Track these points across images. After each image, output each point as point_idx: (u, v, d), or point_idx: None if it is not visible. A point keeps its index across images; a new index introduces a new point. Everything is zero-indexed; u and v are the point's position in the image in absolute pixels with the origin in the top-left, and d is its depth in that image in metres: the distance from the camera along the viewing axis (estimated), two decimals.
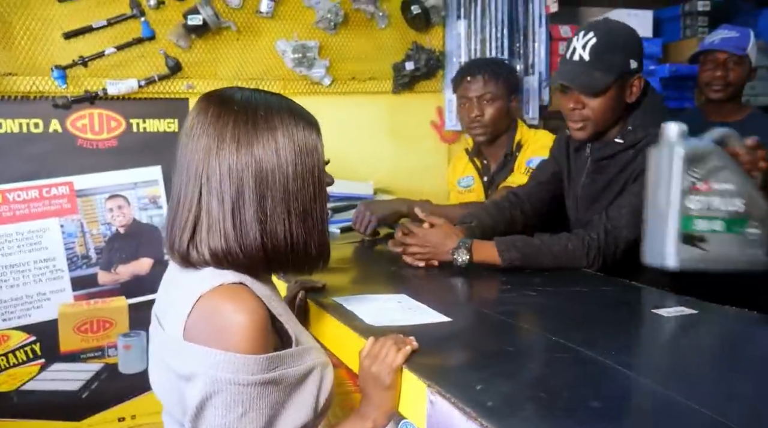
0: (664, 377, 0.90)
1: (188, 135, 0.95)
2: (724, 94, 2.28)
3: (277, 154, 0.93)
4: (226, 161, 0.92)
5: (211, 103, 0.96)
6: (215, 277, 0.92)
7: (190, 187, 0.93)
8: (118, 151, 2.30)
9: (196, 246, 0.93)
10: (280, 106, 0.98)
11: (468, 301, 1.28)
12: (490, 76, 2.08)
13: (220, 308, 0.89)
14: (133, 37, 2.23)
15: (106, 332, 2.34)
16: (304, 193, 0.96)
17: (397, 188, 2.60)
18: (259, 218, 0.93)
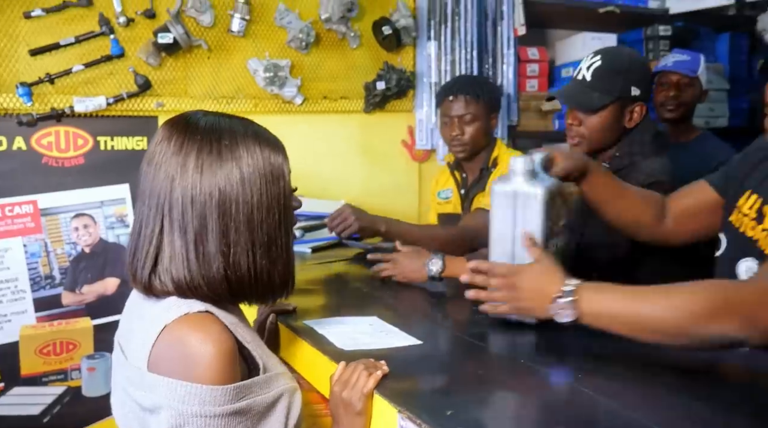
0: (630, 400, 0.91)
1: (150, 164, 0.93)
2: (676, 114, 2.40)
3: (241, 183, 0.92)
4: (189, 192, 0.90)
5: (174, 131, 0.94)
6: (180, 306, 0.90)
7: (152, 216, 0.92)
8: (85, 169, 2.26)
9: (158, 276, 0.92)
10: (245, 132, 0.96)
11: (439, 324, 1.29)
12: (471, 97, 2.12)
13: (185, 338, 0.87)
14: (102, 55, 2.20)
15: (70, 354, 2.28)
16: (269, 222, 0.95)
17: (368, 206, 2.59)
18: (223, 250, 0.91)
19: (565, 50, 3.17)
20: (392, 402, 0.92)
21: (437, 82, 2.75)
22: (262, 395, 0.91)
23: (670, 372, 1.03)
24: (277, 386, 0.94)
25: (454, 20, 2.74)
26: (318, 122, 2.63)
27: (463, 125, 2.13)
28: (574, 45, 3.09)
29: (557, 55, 3.22)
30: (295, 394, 0.97)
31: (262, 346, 0.99)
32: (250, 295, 0.97)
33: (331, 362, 1.08)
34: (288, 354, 1.27)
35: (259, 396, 0.90)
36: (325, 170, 2.64)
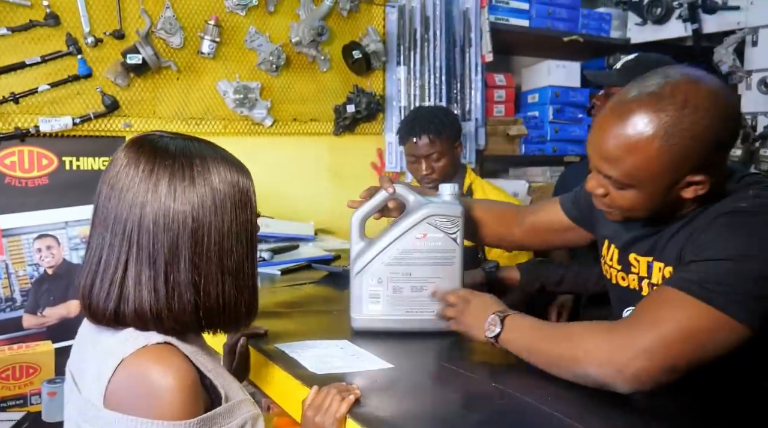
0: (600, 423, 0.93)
1: (114, 187, 0.88)
2: None
3: (213, 210, 0.89)
4: (160, 219, 0.87)
5: (142, 154, 0.89)
6: (137, 338, 0.86)
7: (117, 244, 0.87)
8: (49, 189, 2.22)
9: (120, 307, 0.87)
10: (215, 156, 0.93)
11: (410, 347, 1.29)
12: (435, 135, 2.11)
13: (145, 372, 0.83)
14: (69, 74, 2.18)
15: (30, 378, 2.22)
16: (239, 249, 0.92)
17: (338, 228, 2.61)
18: (194, 280, 0.88)
19: (530, 77, 3.25)
20: (365, 427, 0.92)
21: (406, 106, 2.79)
22: (226, 425, 0.89)
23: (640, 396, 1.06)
24: (240, 413, 0.92)
25: (423, 46, 2.79)
26: (288, 144, 2.64)
27: (431, 163, 2.13)
28: (540, 72, 3.17)
29: (523, 82, 3.30)
30: (258, 421, 0.96)
31: (223, 373, 0.96)
32: (217, 325, 0.95)
33: (303, 386, 1.08)
34: (259, 378, 1.26)
35: (223, 427, 0.89)
36: (294, 191, 2.64)
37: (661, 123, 0.99)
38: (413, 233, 1.33)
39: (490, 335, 1.16)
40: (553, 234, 1.49)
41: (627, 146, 1.01)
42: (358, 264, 1.35)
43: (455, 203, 1.35)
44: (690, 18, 2.80)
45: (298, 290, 1.82)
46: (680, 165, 1.01)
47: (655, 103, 0.99)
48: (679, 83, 1.00)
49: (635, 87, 1.03)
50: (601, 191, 1.11)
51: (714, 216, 1.04)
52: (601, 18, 3.18)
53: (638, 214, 1.11)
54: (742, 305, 0.94)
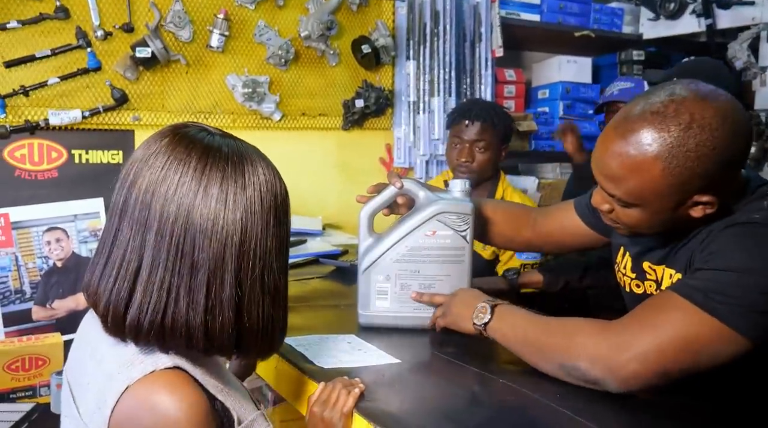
0: (609, 422, 0.92)
1: (160, 184, 0.79)
2: None
3: (260, 221, 0.81)
4: (209, 225, 0.78)
5: (193, 151, 0.80)
6: (146, 361, 0.79)
7: (161, 248, 0.78)
8: (59, 182, 2.23)
9: (164, 319, 0.79)
10: (261, 160, 0.85)
11: (417, 342, 1.29)
12: (489, 125, 2.07)
13: (154, 402, 0.76)
14: (79, 68, 2.18)
15: (39, 370, 2.23)
16: (277, 266, 0.84)
17: (346, 223, 2.61)
18: (237, 297, 0.80)
19: (541, 72, 3.23)
20: (371, 421, 0.92)
21: (415, 101, 2.78)
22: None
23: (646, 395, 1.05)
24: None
25: (433, 41, 2.78)
26: (296, 139, 2.63)
27: (474, 151, 2.08)
28: (550, 67, 3.15)
29: (534, 77, 3.28)
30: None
31: (234, 391, 0.90)
32: (251, 349, 0.86)
33: (309, 380, 1.07)
34: (266, 372, 1.26)
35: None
36: (302, 186, 2.64)
37: (665, 144, 0.95)
38: (422, 230, 1.32)
39: (478, 322, 1.15)
40: (568, 238, 1.46)
41: (629, 166, 0.99)
42: (366, 261, 1.34)
43: (465, 200, 1.34)
44: (704, 13, 2.77)
45: (306, 285, 1.81)
46: (685, 186, 0.98)
47: (659, 122, 0.96)
48: (685, 101, 0.96)
49: (640, 103, 1.00)
50: (606, 207, 1.10)
51: (726, 225, 1.01)
52: (613, 13, 3.15)
53: (644, 231, 1.09)
54: (745, 317, 0.92)
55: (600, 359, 0.97)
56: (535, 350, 1.07)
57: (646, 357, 0.94)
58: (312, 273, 1.93)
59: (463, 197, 1.35)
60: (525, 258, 2.11)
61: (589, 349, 0.99)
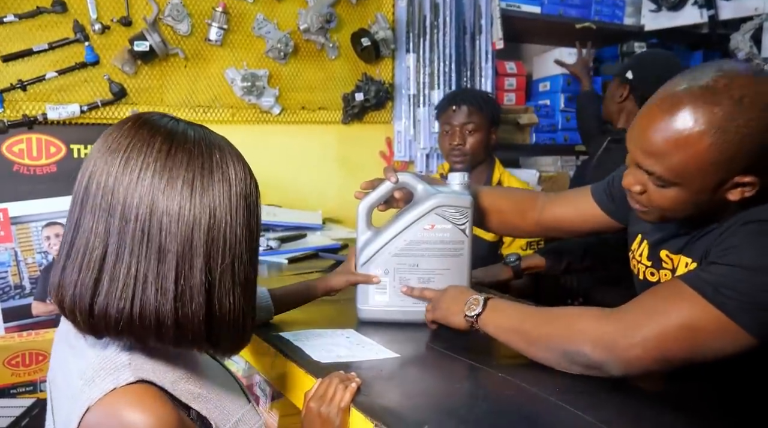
0: (609, 415, 0.91)
1: (124, 168, 0.76)
2: None
3: (229, 210, 0.79)
4: (174, 210, 0.75)
5: (158, 135, 0.78)
6: (105, 375, 0.75)
7: (125, 234, 0.75)
8: (57, 177, 2.22)
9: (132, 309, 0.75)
10: (231, 150, 0.83)
11: (416, 337, 1.28)
12: (475, 107, 2.14)
13: (114, 421, 0.73)
14: (76, 62, 2.17)
15: (39, 365, 2.23)
16: (248, 257, 0.82)
17: (345, 217, 2.60)
18: (207, 284, 0.77)
19: (542, 65, 3.21)
20: (369, 416, 0.91)
21: (416, 94, 2.76)
22: None
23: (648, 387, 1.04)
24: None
25: (433, 33, 2.76)
26: (296, 133, 2.62)
27: (464, 134, 2.14)
28: (551, 60, 3.13)
29: (534, 70, 3.26)
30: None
31: (214, 391, 0.87)
32: (220, 342, 0.83)
33: (307, 374, 1.07)
34: (264, 367, 1.25)
35: None
36: (302, 180, 2.63)
37: (715, 118, 0.93)
38: (421, 224, 1.31)
39: (470, 314, 1.15)
40: (580, 224, 1.44)
41: (675, 141, 0.96)
42: (364, 255, 1.33)
43: (464, 193, 1.33)
44: (706, 4, 2.74)
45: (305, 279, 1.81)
46: (730, 164, 0.96)
47: (709, 96, 0.94)
48: (737, 77, 0.94)
49: (685, 80, 0.98)
50: (638, 189, 1.07)
51: (746, 221, 1.00)
52: (614, 5, 3.13)
53: (677, 214, 1.07)
54: (752, 315, 0.91)
55: (604, 342, 0.98)
56: (533, 339, 1.06)
57: (649, 342, 0.95)
58: (311, 268, 1.92)
59: (461, 190, 1.34)
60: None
61: (593, 333, 0.99)
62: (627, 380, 1.02)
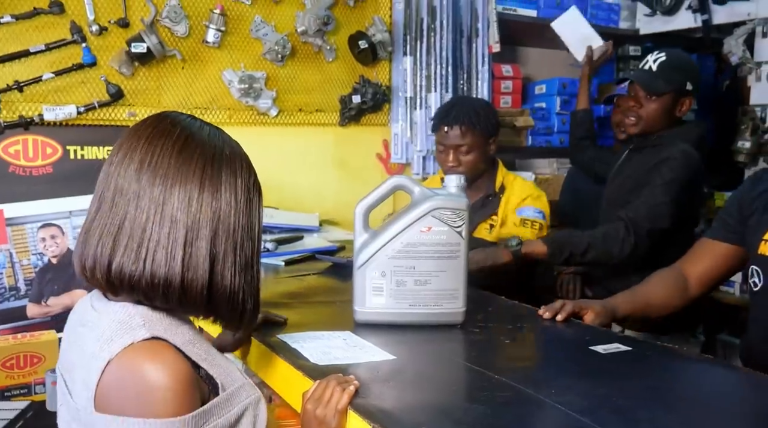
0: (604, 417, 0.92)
1: (144, 156, 0.88)
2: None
3: (235, 201, 0.91)
4: (186, 193, 0.87)
5: (174, 128, 0.90)
6: (122, 334, 0.84)
7: (143, 210, 0.86)
8: (54, 178, 2.22)
9: (144, 269, 0.86)
10: (242, 153, 0.96)
11: (413, 339, 1.29)
12: (468, 127, 2.04)
13: (134, 372, 0.81)
14: (73, 63, 2.17)
15: (34, 368, 2.22)
16: (249, 245, 0.93)
17: (343, 219, 2.60)
18: (211, 256, 0.88)
19: (538, 68, 3.22)
20: (366, 418, 0.91)
21: (412, 96, 2.77)
22: (224, 416, 0.88)
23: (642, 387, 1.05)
24: (239, 401, 0.91)
25: (430, 36, 2.77)
26: (293, 135, 2.63)
27: (459, 155, 2.05)
28: (547, 63, 3.15)
29: (530, 73, 3.27)
30: (259, 405, 0.95)
31: (219, 360, 0.94)
32: (221, 313, 0.93)
33: (304, 377, 1.07)
34: (261, 369, 1.26)
35: (221, 418, 0.87)
36: (299, 182, 2.63)
37: None
38: (418, 226, 1.31)
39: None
40: (723, 271, 1.53)
41: None
42: (361, 257, 1.34)
43: (461, 196, 1.34)
44: (700, 9, 2.76)
45: (302, 281, 1.81)
46: None
47: None
48: None
49: None
50: None
51: None
52: (609, 8, 3.15)
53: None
54: None
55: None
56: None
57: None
58: (308, 270, 1.93)
59: (458, 193, 1.35)
60: (525, 215, 2.07)
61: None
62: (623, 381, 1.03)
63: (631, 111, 2.01)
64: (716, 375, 1.18)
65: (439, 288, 1.32)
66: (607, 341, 1.25)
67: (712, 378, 1.15)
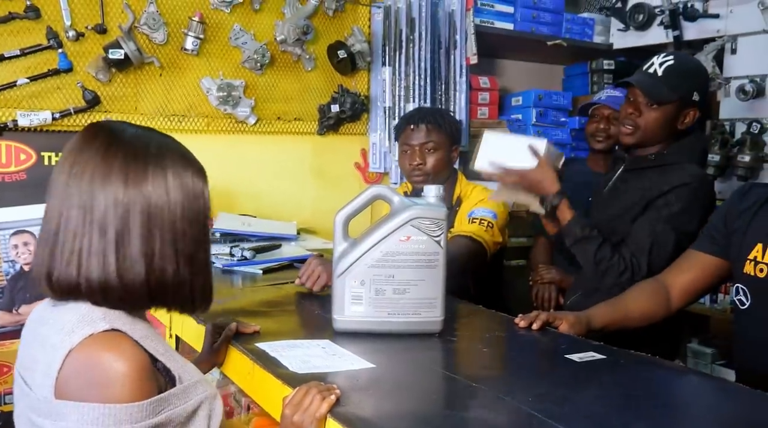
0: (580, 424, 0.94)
1: (71, 164, 0.92)
2: (605, 144, 2.49)
3: (167, 193, 0.93)
4: (112, 194, 0.90)
5: (99, 134, 0.94)
6: (83, 326, 0.88)
7: (74, 217, 0.90)
8: (27, 185, 2.18)
9: (76, 277, 0.89)
10: (172, 147, 0.98)
11: (392, 347, 1.29)
12: (434, 126, 2.07)
13: (94, 360, 0.85)
14: (49, 69, 2.15)
15: (4, 377, 2.18)
16: (191, 235, 0.95)
17: (320, 227, 2.60)
18: (146, 253, 0.91)
19: (514, 80, 3.27)
20: (346, 426, 0.92)
21: (391, 106, 2.79)
22: (181, 406, 0.91)
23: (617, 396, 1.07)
24: (195, 394, 0.94)
25: (409, 47, 2.79)
26: (271, 143, 2.63)
27: (424, 153, 2.07)
28: (524, 75, 3.19)
29: (507, 85, 3.32)
30: (215, 401, 0.98)
31: (176, 357, 0.98)
32: (169, 302, 0.97)
33: (283, 385, 1.07)
34: (240, 377, 1.25)
35: (177, 407, 0.91)
36: (277, 191, 2.63)
37: None
38: (397, 235, 1.33)
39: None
40: (707, 283, 1.54)
41: None
42: (341, 266, 1.34)
43: (440, 206, 1.35)
44: (671, 25, 2.83)
45: (280, 290, 1.81)
46: None
47: None
48: None
49: None
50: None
51: None
52: (584, 23, 3.21)
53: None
54: None
55: None
56: None
57: None
58: (286, 278, 1.92)
59: (437, 202, 1.36)
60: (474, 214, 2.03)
61: None
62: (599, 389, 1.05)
63: (628, 119, 1.75)
64: (689, 383, 1.21)
65: (417, 297, 1.33)
66: (582, 349, 1.27)
67: (684, 386, 1.18)
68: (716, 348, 2.69)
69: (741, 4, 2.64)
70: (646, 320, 1.54)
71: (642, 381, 1.15)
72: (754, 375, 1.32)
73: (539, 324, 1.40)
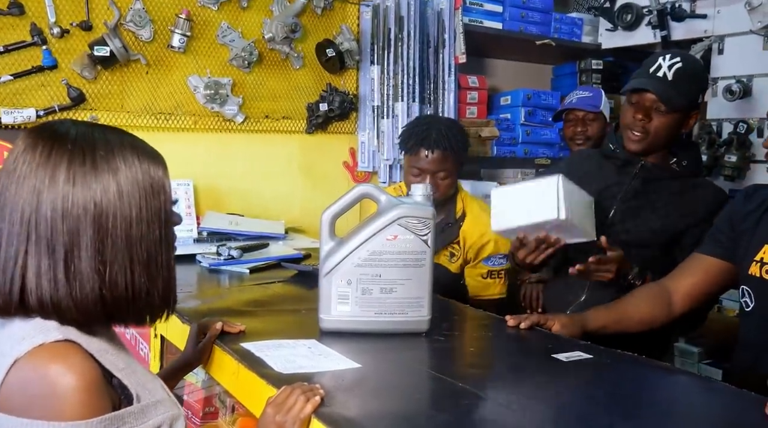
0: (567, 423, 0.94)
1: (11, 175, 0.84)
2: (585, 146, 2.49)
3: (119, 197, 0.86)
4: (59, 206, 0.83)
5: (40, 140, 0.85)
6: (35, 335, 0.82)
7: (15, 234, 0.83)
8: None
9: (24, 299, 0.83)
10: (121, 143, 0.90)
11: (378, 347, 1.29)
12: (449, 152, 1.99)
13: (41, 372, 0.79)
14: (33, 65, 2.12)
15: None
16: (149, 238, 0.89)
17: (308, 226, 2.59)
18: (98, 268, 0.85)
19: (503, 79, 3.27)
20: (331, 426, 0.91)
21: (380, 105, 2.78)
22: (137, 426, 0.85)
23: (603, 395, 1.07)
24: (155, 414, 0.89)
25: (397, 46, 2.79)
26: (259, 142, 2.61)
27: (436, 180, 2.00)
28: (512, 74, 3.20)
29: (496, 84, 3.32)
30: (177, 422, 0.92)
31: (138, 372, 0.92)
32: (126, 316, 0.91)
33: (268, 385, 1.06)
34: (224, 377, 1.24)
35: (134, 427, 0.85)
36: (265, 189, 2.62)
37: None
38: (384, 234, 1.32)
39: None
40: (713, 287, 1.51)
41: None
42: (327, 265, 1.34)
43: (427, 204, 1.35)
44: (659, 25, 2.84)
45: (267, 289, 1.80)
46: None
47: None
48: None
49: None
50: None
51: None
52: (573, 23, 3.22)
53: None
54: None
55: None
56: None
57: None
58: (273, 277, 1.91)
59: (424, 202, 1.36)
60: (491, 265, 2.11)
61: None
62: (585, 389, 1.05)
63: (636, 125, 1.67)
64: (676, 383, 1.21)
65: (404, 296, 1.33)
66: (569, 349, 1.27)
67: (672, 386, 1.18)
68: (703, 347, 2.70)
69: (728, 4, 2.65)
70: (645, 324, 1.52)
71: (628, 381, 1.15)
72: (754, 376, 1.31)
73: (528, 324, 1.39)
